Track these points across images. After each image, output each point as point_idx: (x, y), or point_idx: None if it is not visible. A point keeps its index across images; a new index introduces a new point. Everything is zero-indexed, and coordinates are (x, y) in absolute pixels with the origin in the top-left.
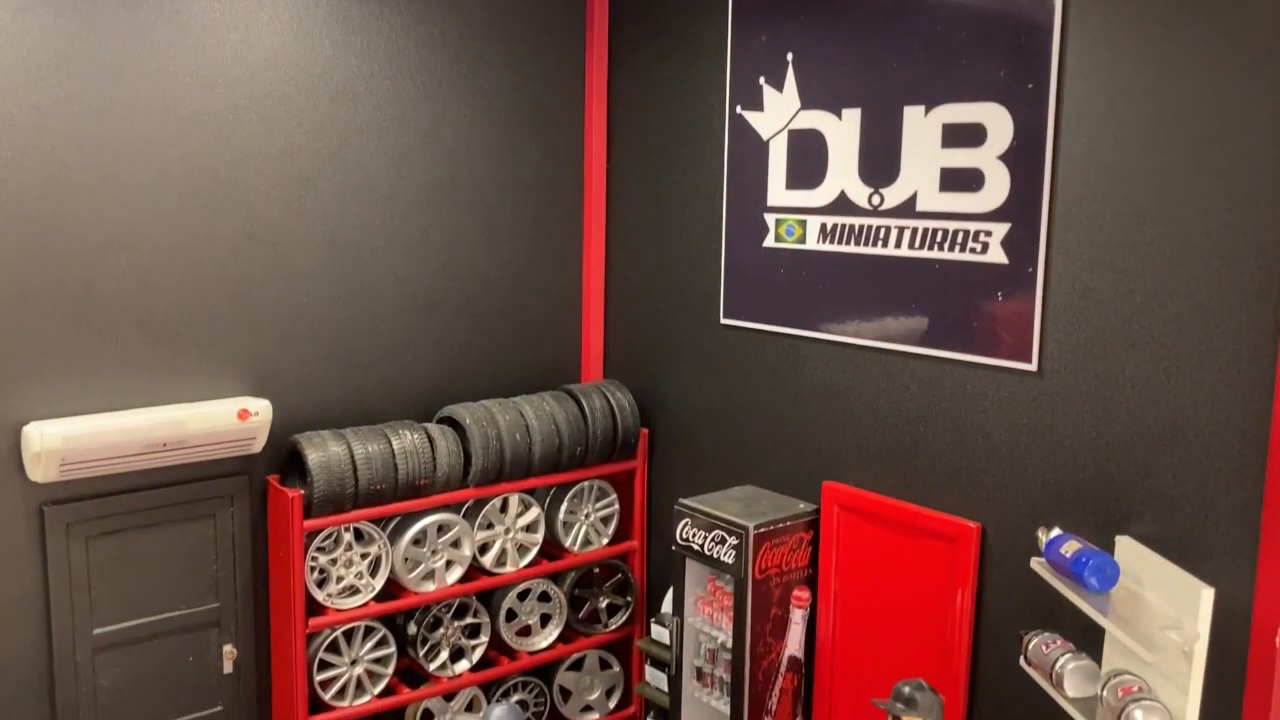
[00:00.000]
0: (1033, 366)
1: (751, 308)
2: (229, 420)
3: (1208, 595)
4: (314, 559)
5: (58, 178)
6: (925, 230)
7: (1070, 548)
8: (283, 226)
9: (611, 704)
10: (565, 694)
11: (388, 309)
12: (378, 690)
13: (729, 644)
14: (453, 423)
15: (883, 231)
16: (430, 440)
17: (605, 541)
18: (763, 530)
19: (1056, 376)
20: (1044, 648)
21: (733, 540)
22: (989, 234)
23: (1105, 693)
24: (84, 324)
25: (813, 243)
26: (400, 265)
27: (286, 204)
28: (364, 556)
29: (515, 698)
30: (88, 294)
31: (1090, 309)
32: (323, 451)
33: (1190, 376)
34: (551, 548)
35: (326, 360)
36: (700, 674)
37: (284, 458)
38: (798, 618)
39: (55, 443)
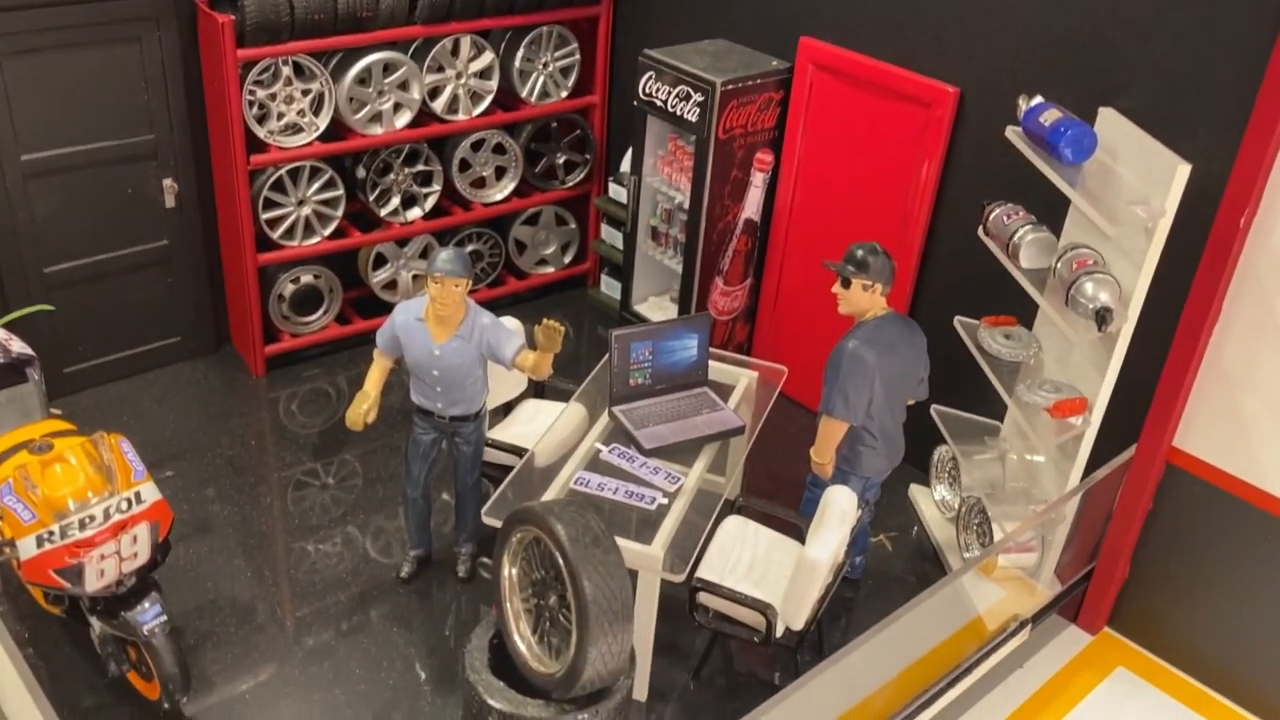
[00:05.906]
0: None
1: None
2: None
3: (1183, 171)
4: (251, 92)
5: None
6: None
7: (1050, 117)
8: None
9: (566, 259)
10: (520, 247)
11: None
12: (328, 232)
13: (686, 205)
14: None
15: None
16: None
17: (564, 94)
18: (730, 87)
19: None
20: (1005, 219)
21: (698, 97)
22: None
23: (1059, 265)
24: None
25: None
26: None
27: None
28: (305, 93)
29: (470, 248)
30: None
31: None
32: None
33: None
34: (507, 98)
35: None
36: (655, 233)
37: None
38: (758, 181)
39: None
